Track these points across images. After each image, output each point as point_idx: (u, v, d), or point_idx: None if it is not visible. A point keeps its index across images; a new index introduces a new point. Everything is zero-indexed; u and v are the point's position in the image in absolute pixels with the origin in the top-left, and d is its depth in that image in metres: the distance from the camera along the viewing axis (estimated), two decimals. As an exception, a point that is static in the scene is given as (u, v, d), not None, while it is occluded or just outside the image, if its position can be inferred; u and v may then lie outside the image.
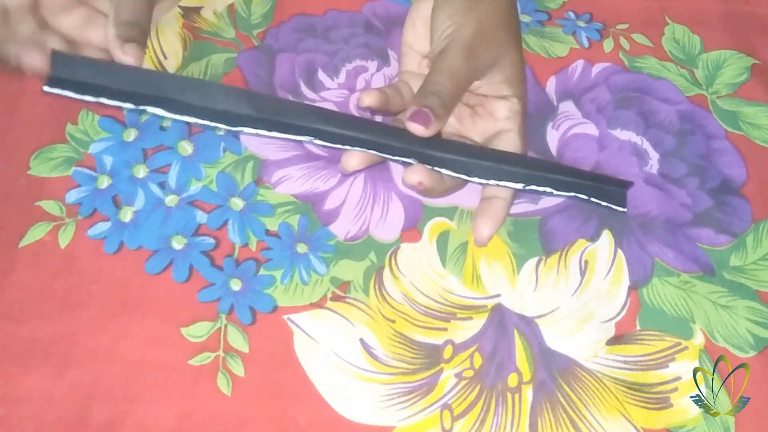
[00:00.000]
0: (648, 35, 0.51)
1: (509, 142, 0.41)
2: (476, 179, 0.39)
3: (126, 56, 0.38)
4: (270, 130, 0.37)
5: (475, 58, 0.39)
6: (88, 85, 0.36)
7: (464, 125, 0.43)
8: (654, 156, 0.46)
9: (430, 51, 0.42)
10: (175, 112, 0.36)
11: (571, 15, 0.52)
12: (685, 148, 0.46)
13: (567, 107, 0.48)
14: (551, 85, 0.49)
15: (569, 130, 0.47)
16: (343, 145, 0.38)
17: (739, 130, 0.47)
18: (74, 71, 0.36)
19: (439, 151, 0.39)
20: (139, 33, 0.39)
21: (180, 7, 0.50)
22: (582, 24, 0.52)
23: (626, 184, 0.42)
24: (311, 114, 0.38)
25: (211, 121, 0.37)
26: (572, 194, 0.40)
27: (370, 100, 0.39)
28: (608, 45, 0.51)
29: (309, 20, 0.47)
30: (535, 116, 0.47)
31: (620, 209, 0.41)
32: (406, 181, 0.38)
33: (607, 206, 0.41)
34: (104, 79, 0.36)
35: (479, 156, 0.40)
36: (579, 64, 0.50)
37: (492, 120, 0.42)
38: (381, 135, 0.39)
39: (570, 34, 0.51)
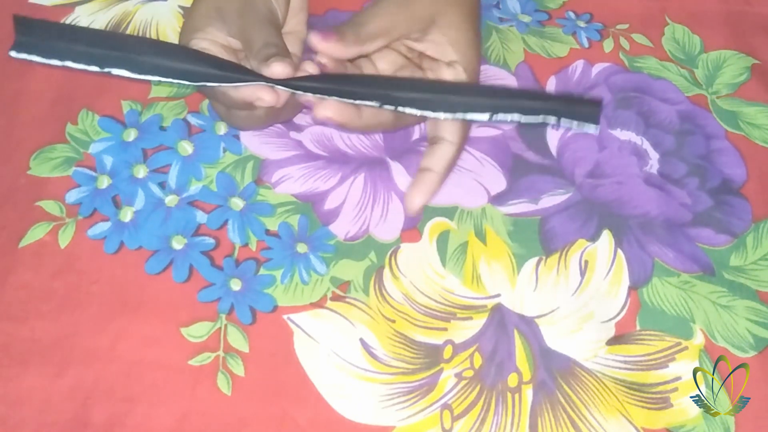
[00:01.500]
0: (648, 35, 0.51)
1: None
2: (443, 114, 0.38)
3: (272, 71, 0.37)
4: (232, 83, 0.37)
5: (407, 8, 0.40)
6: (53, 49, 0.36)
7: None
8: (654, 156, 0.46)
9: None
10: (139, 72, 0.36)
11: (571, 15, 0.52)
12: (685, 148, 0.46)
13: (567, 107, 0.48)
14: (551, 85, 0.49)
15: (569, 130, 0.47)
16: (305, 92, 0.38)
17: (739, 130, 0.47)
18: (38, 35, 0.36)
19: (403, 91, 0.38)
20: (276, 50, 0.38)
21: (180, 6, 0.50)
22: (582, 24, 0.52)
23: (597, 103, 0.40)
24: None
25: (175, 78, 0.37)
26: (541, 118, 0.39)
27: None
28: (608, 45, 0.51)
29: (309, 20, 0.47)
30: (535, 116, 0.47)
31: (593, 127, 0.39)
32: (315, 116, 0.38)
33: (579, 125, 0.39)
34: (68, 41, 0.36)
35: (443, 91, 0.39)
36: (579, 64, 0.50)
37: None
38: (344, 83, 0.38)
39: (570, 34, 0.51)
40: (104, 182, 0.43)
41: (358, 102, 0.38)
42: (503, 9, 0.52)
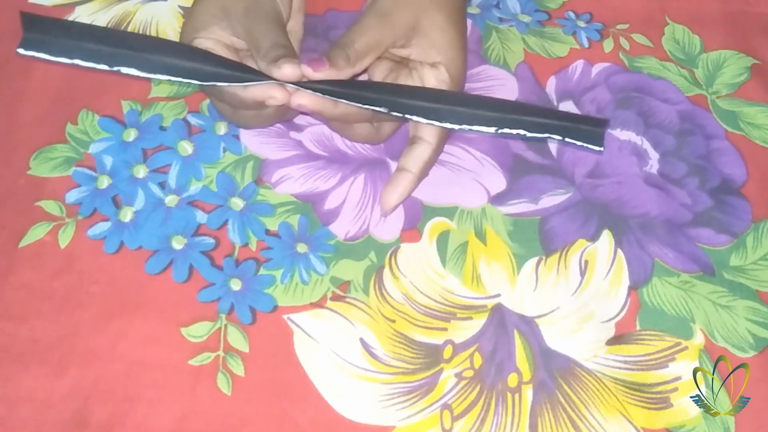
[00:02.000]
0: (648, 35, 0.51)
1: None
2: (448, 125, 0.39)
3: (282, 73, 0.37)
4: (241, 82, 0.37)
5: (389, 19, 0.40)
6: (62, 47, 0.35)
7: None
8: (654, 156, 0.46)
9: None
10: (149, 71, 0.36)
11: (571, 15, 0.52)
12: (685, 148, 0.46)
13: (567, 107, 0.48)
14: (551, 85, 0.49)
15: (569, 130, 0.47)
16: (314, 92, 0.38)
17: (739, 130, 0.47)
18: (46, 32, 0.35)
19: (412, 99, 0.39)
20: (285, 51, 0.38)
21: (180, 6, 0.50)
22: (582, 24, 0.52)
23: (603, 123, 0.40)
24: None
25: (185, 78, 0.37)
26: (546, 135, 0.39)
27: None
28: (608, 45, 0.51)
29: (309, 20, 0.47)
30: (535, 116, 0.47)
31: (597, 149, 0.39)
32: (290, 104, 0.38)
33: (582, 146, 0.39)
34: (77, 39, 0.35)
35: (450, 101, 0.39)
36: (579, 64, 0.50)
37: None
38: (354, 87, 0.39)
39: (570, 34, 0.51)
40: (104, 182, 0.43)
41: (366, 107, 0.38)
42: (503, 9, 0.52)
